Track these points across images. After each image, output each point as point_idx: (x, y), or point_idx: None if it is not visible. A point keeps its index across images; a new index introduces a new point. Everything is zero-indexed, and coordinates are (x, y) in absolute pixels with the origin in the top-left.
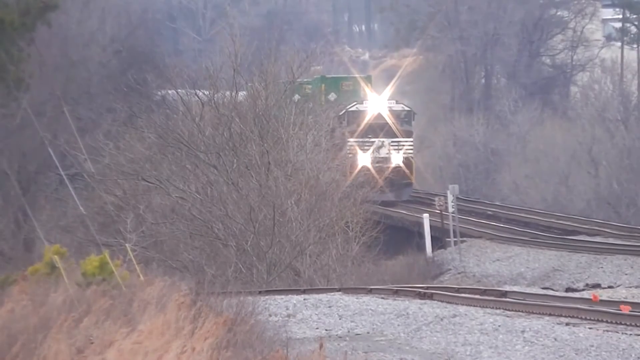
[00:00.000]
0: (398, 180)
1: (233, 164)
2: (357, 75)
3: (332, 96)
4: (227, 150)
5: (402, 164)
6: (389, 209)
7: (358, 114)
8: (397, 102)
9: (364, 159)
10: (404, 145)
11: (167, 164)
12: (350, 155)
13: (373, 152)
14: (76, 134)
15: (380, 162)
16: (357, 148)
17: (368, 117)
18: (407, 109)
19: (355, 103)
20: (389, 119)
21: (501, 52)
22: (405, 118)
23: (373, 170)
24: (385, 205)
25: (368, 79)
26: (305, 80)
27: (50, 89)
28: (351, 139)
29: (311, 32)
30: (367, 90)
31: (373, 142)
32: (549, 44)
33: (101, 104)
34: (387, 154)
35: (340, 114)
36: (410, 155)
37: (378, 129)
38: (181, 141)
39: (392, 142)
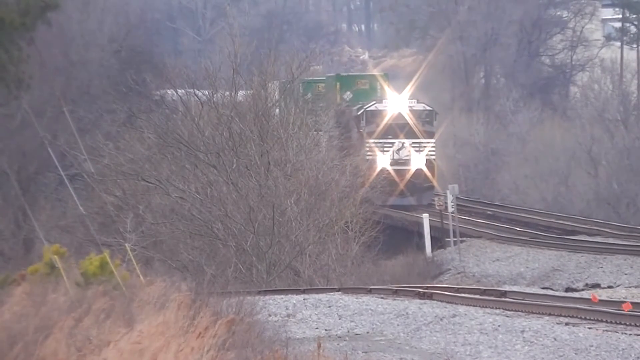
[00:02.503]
0: (419, 183)
1: (233, 164)
2: (374, 73)
3: (348, 95)
4: (227, 150)
5: (423, 166)
6: (402, 211)
7: (377, 114)
8: (418, 101)
9: (383, 161)
10: (425, 147)
11: (167, 164)
12: (368, 157)
13: (393, 153)
14: (76, 134)
15: (401, 164)
16: (376, 149)
17: (388, 117)
18: (428, 108)
19: (374, 102)
20: (409, 118)
21: (501, 52)
22: (426, 118)
23: (393, 173)
24: (405, 209)
25: (385, 77)
26: (318, 78)
27: (50, 90)
28: (370, 140)
29: (311, 32)
30: (386, 89)
31: (393, 143)
32: (549, 44)
33: (101, 104)
34: (408, 155)
35: (359, 113)
36: (432, 157)
37: (398, 129)
38: (181, 141)
39: (413, 143)
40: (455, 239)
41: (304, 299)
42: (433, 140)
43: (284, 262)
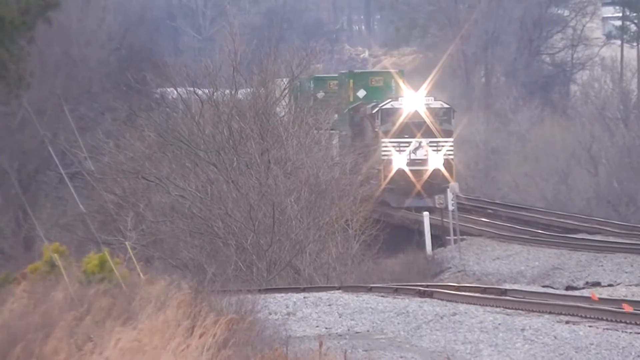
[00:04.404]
0: (437, 184)
1: (233, 162)
2: (389, 70)
3: (362, 92)
4: (227, 148)
5: (441, 167)
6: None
7: (393, 112)
8: (435, 99)
9: (399, 161)
10: (443, 146)
11: (167, 162)
12: (384, 157)
13: (410, 153)
14: (76, 133)
15: (418, 164)
16: (392, 149)
17: (404, 115)
18: (446, 106)
19: (389, 100)
20: (426, 117)
21: (501, 50)
22: (444, 116)
23: (409, 174)
24: (420, 210)
25: (401, 74)
26: (330, 75)
27: (51, 88)
28: (385, 139)
29: (311, 31)
30: (402, 86)
31: (410, 142)
32: (549, 43)
33: (101, 102)
34: (425, 155)
35: (374, 111)
36: (450, 156)
37: (415, 128)
38: (181, 139)
39: (431, 142)
40: (455, 237)
41: (304, 298)
42: (451, 139)
43: (284, 261)
